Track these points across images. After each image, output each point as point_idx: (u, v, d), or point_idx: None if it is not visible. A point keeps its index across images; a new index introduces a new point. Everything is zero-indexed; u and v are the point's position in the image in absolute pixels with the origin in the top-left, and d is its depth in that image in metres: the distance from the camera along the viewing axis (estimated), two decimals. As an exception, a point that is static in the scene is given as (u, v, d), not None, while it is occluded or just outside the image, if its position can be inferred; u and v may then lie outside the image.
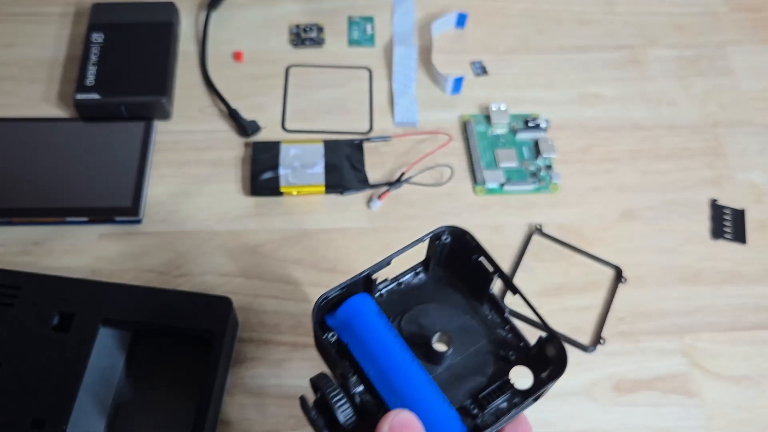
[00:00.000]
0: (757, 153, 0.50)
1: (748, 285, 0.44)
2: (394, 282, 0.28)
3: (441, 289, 0.28)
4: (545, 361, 0.27)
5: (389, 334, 0.25)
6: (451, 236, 0.28)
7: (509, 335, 0.27)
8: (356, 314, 0.26)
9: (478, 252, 0.27)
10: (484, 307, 0.28)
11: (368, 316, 0.26)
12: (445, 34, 0.54)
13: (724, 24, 0.57)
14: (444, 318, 0.27)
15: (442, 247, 0.28)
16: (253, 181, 0.45)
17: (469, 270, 0.28)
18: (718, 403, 0.40)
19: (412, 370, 0.25)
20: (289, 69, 0.51)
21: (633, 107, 0.52)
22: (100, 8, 0.50)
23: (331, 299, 0.26)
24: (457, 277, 0.28)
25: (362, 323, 0.26)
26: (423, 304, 0.27)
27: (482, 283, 0.27)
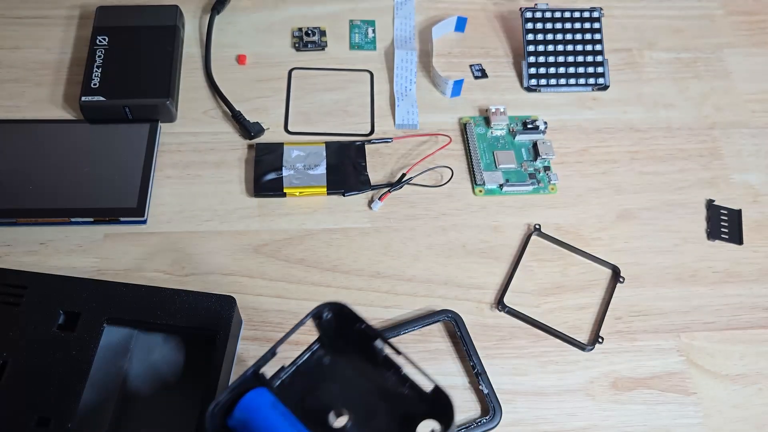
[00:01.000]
0: (753, 154, 0.51)
1: (745, 285, 0.45)
2: (293, 366, 0.29)
3: (340, 361, 0.29)
4: (445, 409, 0.28)
5: (285, 424, 0.26)
6: (332, 312, 0.29)
7: (408, 392, 0.28)
8: (252, 411, 0.27)
9: (358, 321, 0.28)
10: (380, 369, 0.29)
11: (263, 411, 0.27)
12: (445, 38, 0.55)
13: (720, 27, 0.57)
14: (345, 391, 0.28)
15: (328, 323, 0.29)
16: (256, 183, 0.46)
17: (359, 338, 0.29)
18: (714, 401, 0.41)
19: None
20: (291, 72, 0.52)
21: (630, 109, 0.52)
22: (105, 11, 0.51)
23: (223, 403, 0.27)
24: (352, 347, 0.29)
25: (259, 418, 0.27)
26: (325, 381, 0.28)
27: (373, 349, 0.28)
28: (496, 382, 0.40)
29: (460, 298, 0.43)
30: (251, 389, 0.28)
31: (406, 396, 0.28)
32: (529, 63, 0.52)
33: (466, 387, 0.40)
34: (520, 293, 0.44)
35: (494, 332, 0.42)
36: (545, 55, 0.52)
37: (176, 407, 0.37)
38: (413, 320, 0.41)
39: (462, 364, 0.41)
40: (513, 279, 0.44)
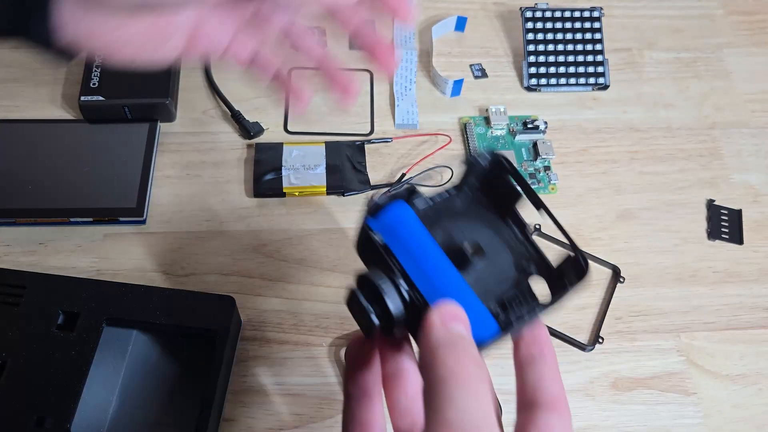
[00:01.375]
0: (753, 154, 0.51)
1: (745, 285, 0.45)
2: (429, 199, 0.30)
3: (471, 208, 0.29)
4: (565, 277, 0.28)
5: (429, 239, 0.27)
6: (489, 159, 0.29)
7: (532, 253, 0.29)
8: (399, 219, 0.27)
9: (509, 172, 0.29)
10: (511, 225, 0.29)
11: (411, 222, 0.27)
12: (445, 38, 0.55)
13: (720, 27, 0.57)
14: (473, 232, 0.29)
15: (479, 170, 0.29)
16: (255, 182, 0.46)
17: (499, 190, 0.29)
18: (714, 401, 0.41)
19: (451, 273, 0.26)
20: (291, 71, 0.52)
21: (630, 109, 0.52)
22: (104, 11, 0.51)
23: (377, 203, 0.28)
24: (487, 198, 0.30)
25: (405, 227, 0.27)
26: (454, 220, 0.29)
27: (509, 202, 0.29)
28: (496, 382, 0.40)
29: (460, 298, 0.43)
30: (402, 199, 0.28)
31: (529, 256, 0.29)
32: (529, 63, 0.52)
33: (466, 387, 0.40)
34: (520, 293, 0.43)
35: (494, 332, 0.42)
36: (545, 55, 0.52)
37: (175, 408, 0.37)
38: (413, 320, 0.41)
39: (462, 364, 0.41)
40: (513, 279, 0.44)
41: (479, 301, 0.26)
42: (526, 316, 0.26)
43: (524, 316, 0.27)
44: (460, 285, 0.26)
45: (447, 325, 0.23)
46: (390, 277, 0.26)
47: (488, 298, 0.27)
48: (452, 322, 0.23)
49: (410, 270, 0.26)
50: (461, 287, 0.26)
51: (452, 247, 0.27)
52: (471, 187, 0.30)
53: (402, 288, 0.26)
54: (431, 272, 0.26)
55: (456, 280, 0.26)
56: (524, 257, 0.29)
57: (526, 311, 0.27)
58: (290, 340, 0.41)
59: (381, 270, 0.26)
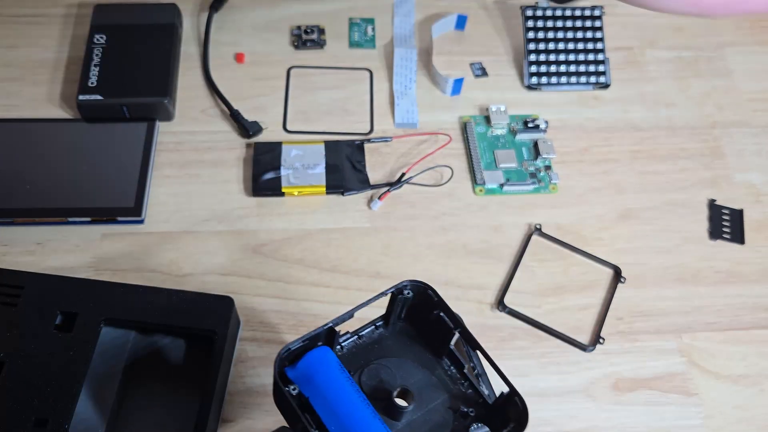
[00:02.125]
0: (754, 153, 0.51)
1: (746, 285, 0.45)
2: (354, 335, 0.28)
3: (401, 343, 0.28)
4: (504, 418, 0.27)
5: (351, 388, 0.25)
6: (413, 291, 0.28)
7: (468, 391, 0.28)
8: (318, 367, 0.26)
9: (439, 307, 0.27)
10: (443, 361, 0.28)
11: (330, 369, 0.26)
12: (445, 36, 0.55)
13: (722, 26, 0.57)
14: (404, 373, 0.27)
15: (404, 302, 0.28)
16: (254, 182, 0.46)
17: (430, 324, 0.28)
18: (716, 402, 0.41)
19: (375, 426, 0.24)
20: (290, 70, 0.52)
21: (631, 108, 0.52)
22: (102, 10, 0.51)
23: (293, 351, 0.26)
24: (417, 332, 0.28)
25: (324, 376, 0.25)
26: (383, 358, 0.27)
27: (442, 338, 0.28)
28: (496, 383, 0.40)
29: (460, 299, 0.43)
30: (319, 346, 0.27)
31: (464, 395, 0.27)
32: (529, 61, 0.52)
33: (466, 388, 0.40)
34: (521, 293, 0.43)
35: (494, 333, 0.42)
36: (546, 54, 0.52)
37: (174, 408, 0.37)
38: (413, 321, 0.41)
39: (462, 364, 0.41)
40: (513, 279, 0.44)
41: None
42: None
43: None
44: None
45: None
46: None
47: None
48: None
49: (330, 426, 0.24)
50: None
51: (379, 395, 0.26)
52: (399, 319, 0.28)
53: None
54: (354, 428, 0.24)
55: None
56: (461, 399, 0.27)
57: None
58: (289, 340, 0.41)
59: (295, 428, 0.24)
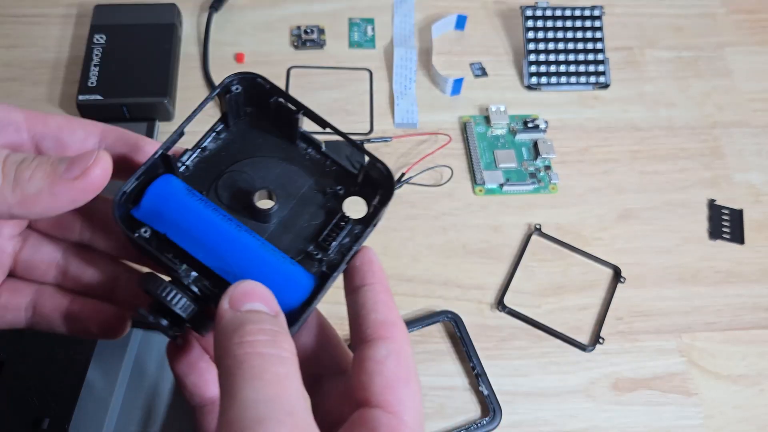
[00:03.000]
0: (754, 154, 0.50)
1: (746, 285, 0.45)
2: (197, 150, 0.26)
3: (249, 141, 0.26)
4: (374, 187, 0.26)
5: (206, 209, 0.23)
6: (242, 85, 0.25)
7: (333, 168, 0.26)
8: (164, 198, 0.23)
9: (275, 93, 0.25)
10: (299, 146, 0.26)
11: (177, 196, 0.23)
12: (444, 36, 0.55)
13: (722, 25, 0.57)
14: (261, 172, 0.25)
15: (236, 98, 0.25)
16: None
17: (273, 113, 0.25)
18: (716, 402, 0.41)
19: (242, 238, 0.23)
20: (290, 70, 0.52)
21: (631, 108, 0.52)
22: (102, 10, 0.51)
23: (130, 193, 0.23)
24: (262, 125, 0.26)
25: (173, 204, 0.23)
26: (236, 163, 0.25)
27: (289, 124, 0.26)
28: (496, 383, 0.40)
29: (460, 299, 0.43)
30: (159, 176, 0.24)
31: (329, 174, 0.26)
32: (529, 61, 0.52)
33: (466, 388, 0.40)
34: (521, 293, 0.43)
35: (494, 333, 0.42)
36: (546, 54, 0.52)
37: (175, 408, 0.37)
38: (413, 321, 0.41)
39: (462, 365, 0.41)
40: (513, 279, 0.44)
41: (284, 259, 0.23)
42: (351, 245, 0.24)
43: (348, 246, 0.24)
44: (257, 250, 0.23)
45: (237, 308, 0.21)
46: (173, 277, 0.22)
47: (301, 243, 0.24)
48: (244, 302, 0.21)
49: (197, 254, 0.23)
50: (259, 252, 0.23)
51: (241, 203, 0.24)
52: (238, 118, 0.25)
53: (190, 283, 0.22)
54: (221, 247, 0.23)
55: (251, 245, 0.23)
56: (327, 180, 0.26)
57: (348, 242, 0.24)
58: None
59: (163, 270, 0.23)
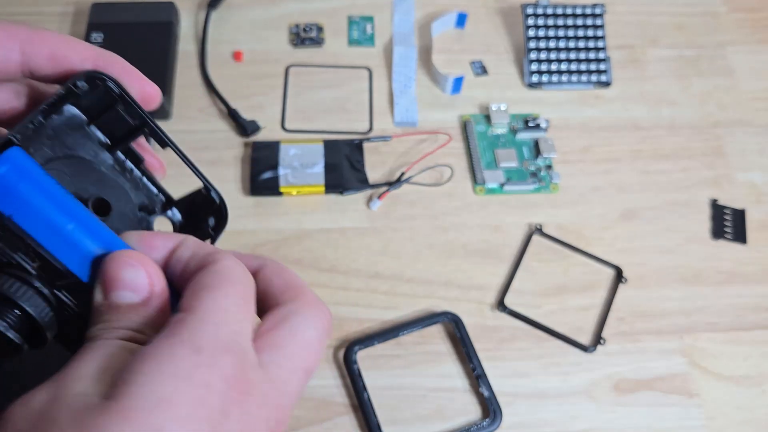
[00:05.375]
0: (757, 153, 0.50)
1: (749, 285, 0.44)
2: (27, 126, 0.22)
3: (71, 138, 0.23)
4: (206, 211, 0.25)
5: (67, 194, 0.21)
6: (90, 84, 0.23)
7: (151, 188, 0.25)
8: (18, 175, 0.20)
9: (121, 102, 0.23)
10: (117, 156, 0.24)
11: (33, 175, 0.21)
12: (445, 34, 0.54)
13: (724, 24, 0.57)
14: (81, 175, 0.23)
15: (77, 96, 0.23)
16: (252, 181, 0.45)
17: (108, 117, 0.23)
18: (718, 403, 0.40)
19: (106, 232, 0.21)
20: (288, 69, 0.51)
21: (633, 107, 0.52)
22: (99, 8, 0.50)
23: None
24: (88, 122, 0.24)
25: (28, 185, 0.20)
26: (55, 159, 0.22)
27: (123, 135, 0.24)
28: (496, 384, 0.40)
29: (460, 299, 0.43)
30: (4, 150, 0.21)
31: (147, 191, 0.25)
32: (530, 60, 0.52)
33: (466, 389, 0.40)
34: (521, 294, 0.43)
35: (495, 334, 0.42)
36: (547, 52, 0.52)
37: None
38: (412, 322, 0.41)
39: (462, 366, 0.40)
40: (514, 279, 0.43)
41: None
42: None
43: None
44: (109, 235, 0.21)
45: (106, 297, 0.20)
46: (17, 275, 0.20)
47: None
48: (110, 290, 0.20)
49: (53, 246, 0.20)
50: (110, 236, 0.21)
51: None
52: (61, 114, 0.23)
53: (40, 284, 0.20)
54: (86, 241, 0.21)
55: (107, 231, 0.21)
56: (143, 195, 0.25)
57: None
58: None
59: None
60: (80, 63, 0.23)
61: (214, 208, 0.25)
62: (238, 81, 0.50)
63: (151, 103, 0.25)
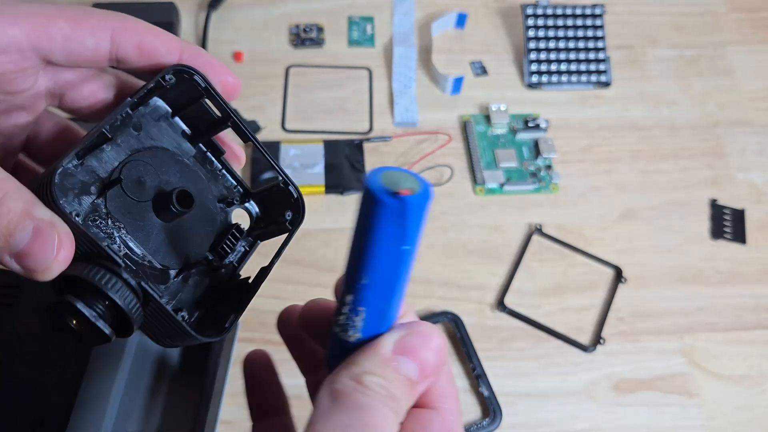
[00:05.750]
0: (756, 153, 0.50)
1: (748, 285, 0.44)
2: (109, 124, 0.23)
3: (155, 130, 0.24)
4: (283, 205, 0.25)
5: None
6: (176, 77, 0.23)
7: (231, 180, 0.25)
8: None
9: (207, 95, 0.24)
10: (199, 148, 0.25)
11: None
12: (445, 35, 0.54)
13: (723, 24, 0.57)
14: (162, 166, 0.23)
15: (164, 90, 0.24)
16: (252, 181, 0.45)
17: (194, 111, 0.24)
18: (717, 403, 0.40)
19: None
20: (289, 69, 0.51)
21: (633, 107, 0.52)
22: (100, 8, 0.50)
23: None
24: (173, 115, 0.24)
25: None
26: (138, 152, 0.23)
27: (207, 128, 0.24)
28: (496, 384, 0.40)
29: (460, 299, 0.43)
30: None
31: (228, 185, 0.25)
32: (530, 60, 0.52)
33: (467, 389, 0.40)
34: (521, 294, 0.43)
35: (495, 334, 0.42)
36: (547, 52, 0.52)
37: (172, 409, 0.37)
38: (412, 321, 0.41)
39: (462, 366, 0.40)
40: (514, 279, 0.43)
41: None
42: (245, 254, 0.24)
43: (244, 255, 0.24)
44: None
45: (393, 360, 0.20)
46: (107, 265, 0.20)
47: (198, 249, 0.23)
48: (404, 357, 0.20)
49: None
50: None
51: (149, 196, 0.22)
52: (149, 104, 0.24)
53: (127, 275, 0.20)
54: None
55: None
56: (227, 189, 0.25)
57: (244, 251, 0.25)
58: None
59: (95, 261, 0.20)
60: (166, 54, 0.23)
61: (291, 201, 0.25)
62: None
63: (232, 95, 0.25)
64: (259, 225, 0.26)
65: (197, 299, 0.24)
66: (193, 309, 0.24)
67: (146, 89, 0.23)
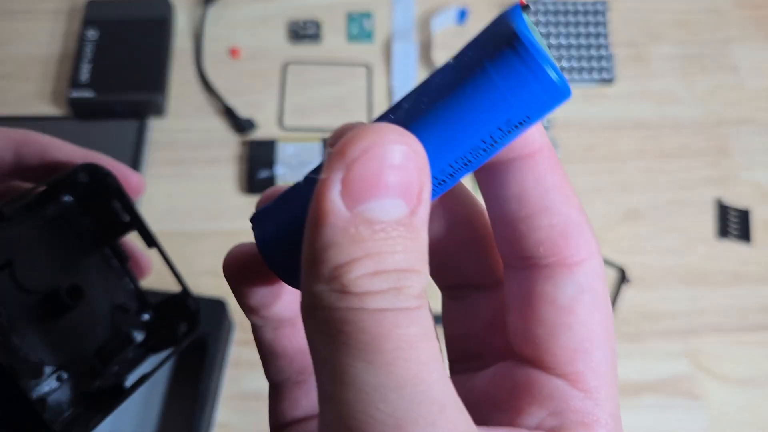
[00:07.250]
0: (761, 152, 0.49)
1: (754, 285, 0.44)
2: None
3: (55, 227, 0.23)
4: (180, 317, 0.25)
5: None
6: (90, 175, 0.23)
7: (130, 286, 0.25)
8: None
9: (118, 197, 0.24)
10: (105, 252, 0.24)
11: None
12: (445, 30, 0.54)
13: (728, 21, 0.56)
14: (62, 264, 0.23)
15: (80, 186, 0.23)
16: (249, 180, 0.44)
17: (100, 212, 0.24)
18: (722, 405, 0.40)
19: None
20: (286, 66, 0.50)
21: (637, 105, 0.51)
22: (94, 5, 0.49)
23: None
24: (79, 214, 0.24)
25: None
26: (34, 247, 0.23)
27: (112, 231, 0.24)
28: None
29: (460, 300, 0.42)
30: None
31: (128, 290, 0.25)
32: (531, 57, 0.51)
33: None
34: (523, 295, 0.42)
35: (496, 335, 0.41)
36: (549, 49, 0.51)
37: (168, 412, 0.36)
38: (412, 323, 0.40)
39: (462, 368, 0.40)
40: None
41: None
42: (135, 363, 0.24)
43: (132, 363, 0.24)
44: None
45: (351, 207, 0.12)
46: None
47: (87, 352, 0.23)
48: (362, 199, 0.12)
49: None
50: None
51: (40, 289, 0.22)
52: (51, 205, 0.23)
53: None
54: None
55: None
56: (125, 295, 0.25)
57: (132, 357, 0.24)
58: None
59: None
60: (68, 162, 0.24)
61: (187, 314, 0.25)
62: (234, 78, 0.49)
63: (136, 194, 0.25)
64: (153, 336, 0.25)
65: (70, 399, 0.23)
66: (64, 408, 0.23)
67: (57, 181, 0.22)
